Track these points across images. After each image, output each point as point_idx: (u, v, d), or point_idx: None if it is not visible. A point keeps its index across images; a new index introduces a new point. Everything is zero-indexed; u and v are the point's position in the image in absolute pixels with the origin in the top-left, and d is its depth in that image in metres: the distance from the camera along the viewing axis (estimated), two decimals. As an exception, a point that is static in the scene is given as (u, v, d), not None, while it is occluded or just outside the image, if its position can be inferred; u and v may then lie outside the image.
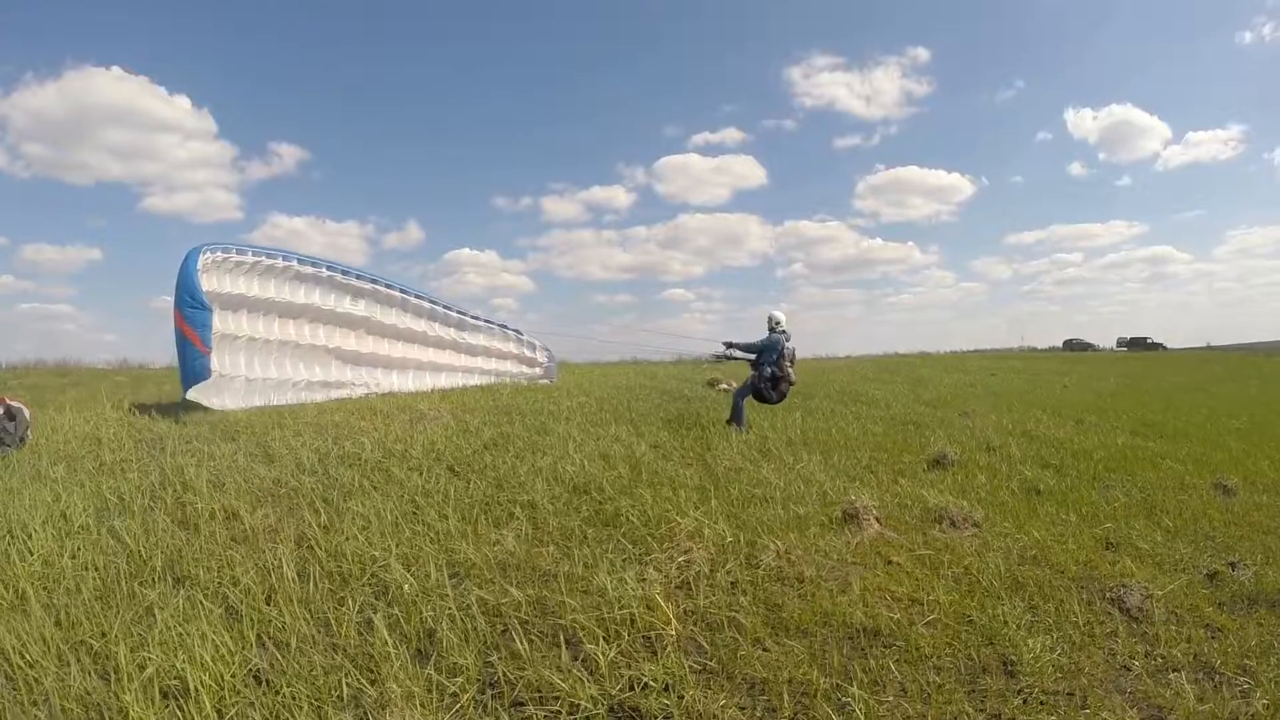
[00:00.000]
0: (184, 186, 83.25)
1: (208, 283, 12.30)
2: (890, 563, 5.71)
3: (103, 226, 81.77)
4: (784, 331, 11.40)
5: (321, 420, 10.85)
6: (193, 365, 11.80)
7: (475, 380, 18.48)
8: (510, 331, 19.89)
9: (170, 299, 11.83)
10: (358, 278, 15.93)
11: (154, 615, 4.34)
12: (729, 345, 11.69)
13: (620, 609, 4.50)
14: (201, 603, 4.50)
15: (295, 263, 14.52)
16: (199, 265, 12.07)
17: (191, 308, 11.72)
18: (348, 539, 5.61)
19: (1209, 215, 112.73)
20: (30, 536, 5.55)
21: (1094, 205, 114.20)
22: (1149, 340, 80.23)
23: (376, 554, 5.33)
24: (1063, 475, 9.32)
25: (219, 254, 12.91)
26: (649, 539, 5.80)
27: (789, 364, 11.33)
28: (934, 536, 6.40)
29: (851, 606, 4.81)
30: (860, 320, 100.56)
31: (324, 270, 15.16)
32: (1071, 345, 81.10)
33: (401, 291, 16.90)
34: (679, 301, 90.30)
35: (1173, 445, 12.24)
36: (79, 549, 5.44)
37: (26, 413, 9.27)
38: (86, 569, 5.09)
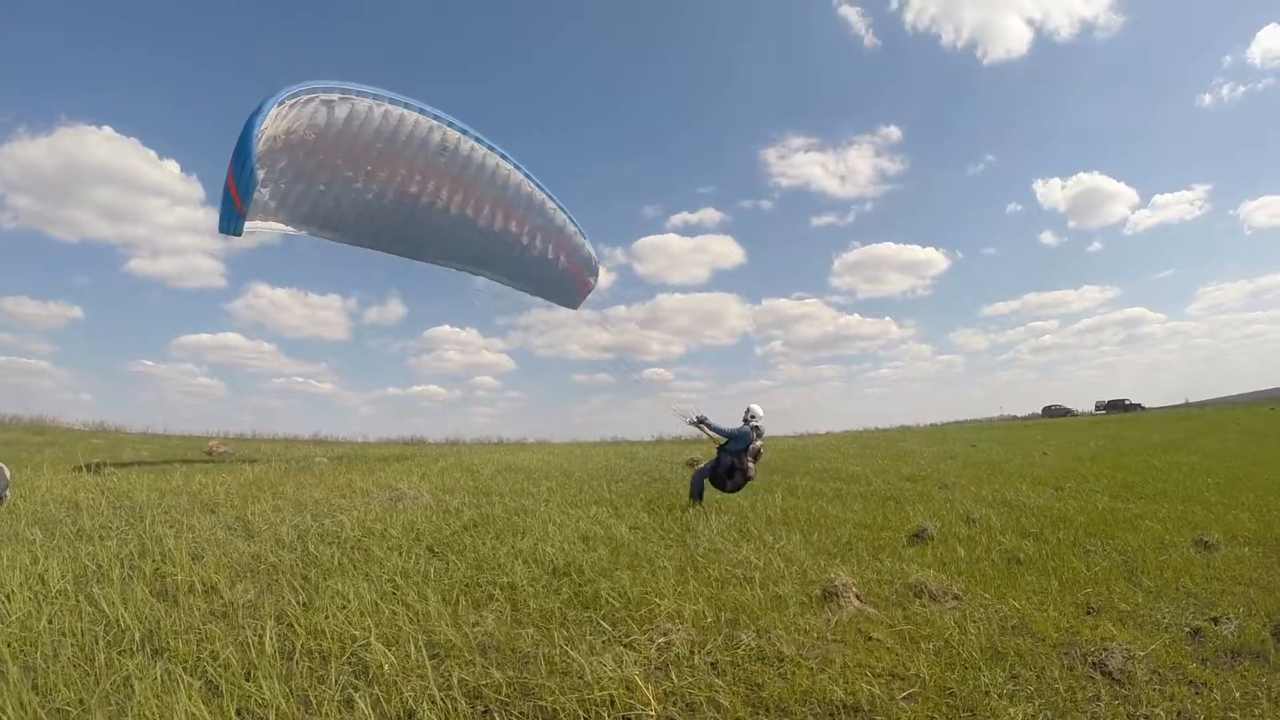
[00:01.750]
0: (169, 251, 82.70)
1: (281, 124, 13.07)
2: (870, 639, 5.71)
3: (86, 285, 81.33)
4: (757, 427, 11.68)
5: (300, 496, 10.88)
6: (229, 220, 13.37)
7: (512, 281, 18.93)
8: (575, 228, 19.75)
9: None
10: (448, 124, 16.10)
11: (132, 686, 4.32)
12: (700, 420, 11.94)
13: (600, 690, 4.49)
14: (181, 676, 4.45)
15: (387, 104, 14.86)
16: (265, 124, 12.63)
17: (242, 166, 12.52)
18: (328, 617, 5.56)
19: (1179, 274, 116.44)
20: (8, 598, 5.51)
21: (1066, 272, 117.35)
22: (1127, 402, 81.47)
23: (357, 633, 5.28)
24: (1043, 543, 9.35)
25: (302, 95, 13.44)
26: (629, 620, 5.78)
27: (750, 460, 11.57)
28: (914, 611, 6.41)
29: (831, 683, 4.80)
30: (840, 396, 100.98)
31: (418, 114, 15.45)
32: (1051, 411, 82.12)
33: (504, 157, 17.17)
34: (659, 381, 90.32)
35: (1152, 505, 12.34)
36: (56, 614, 5.39)
37: (6, 471, 9.29)
38: (64, 634, 5.04)
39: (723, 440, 11.75)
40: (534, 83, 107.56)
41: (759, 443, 11.74)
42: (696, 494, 11.88)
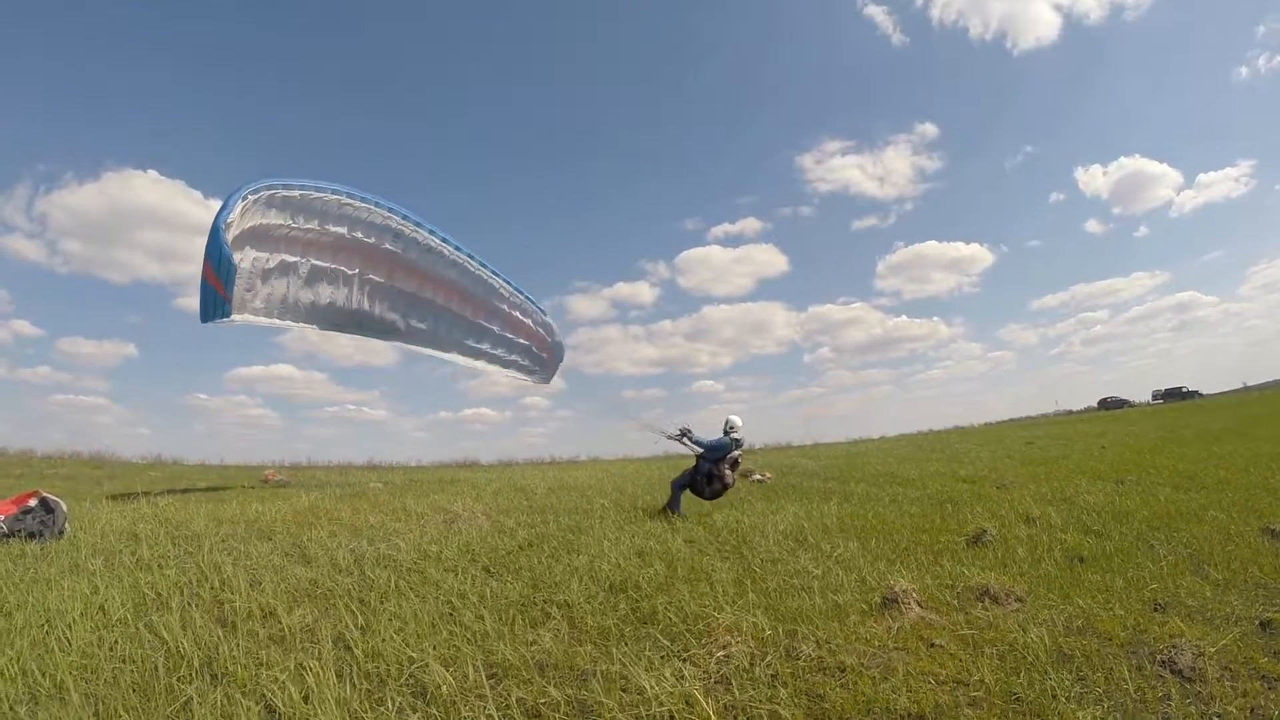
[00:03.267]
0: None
1: (247, 220, 13.79)
2: (933, 645, 5.62)
3: (138, 323, 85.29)
4: (736, 439, 12.31)
5: (356, 521, 11.03)
6: (215, 308, 13.89)
7: (482, 360, 19.47)
8: (534, 307, 20.40)
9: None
10: (403, 219, 16.83)
11: (192, 711, 4.43)
12: (684, 433, 12.53)
13: (659, 707, 4.51)
14: (239, 700, 4.56)
15: (344, 197, 15.65)
16: (232, 217, 13.44)
17: (218, 260, 13.35)
18: (385, 640, 5.62)
19: (1229, 254, 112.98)
20: (69, 627, 5.67)
21: (1114, 260, 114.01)
22: (1184, 389, 79.11)
23: (414, 655, 5.34)
24: (1105, 540, 9.10)
25: (263, 192, 14.18)
26: (687, 635, 5.78)
27: (728, 468, 12.26)
28: (976, 615, 6.29)
29: (895, 693, 4.75)
30: (892, 399, 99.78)
31: (373, 206, 16.25)
32: (1106, 404, 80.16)
33: (444, 242, 17.76)
34: (708, 393, 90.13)
35: (1216, 495, 11.94)
36: (117, 642, 5.52)
37: (64, 506, 9.74)
38: (124, 662, 5.17)
39: (700, 451, 12.36)
40: (564, 102, 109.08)
41: (737, 453, 12.37)
42: (674, 505, 12.23)
